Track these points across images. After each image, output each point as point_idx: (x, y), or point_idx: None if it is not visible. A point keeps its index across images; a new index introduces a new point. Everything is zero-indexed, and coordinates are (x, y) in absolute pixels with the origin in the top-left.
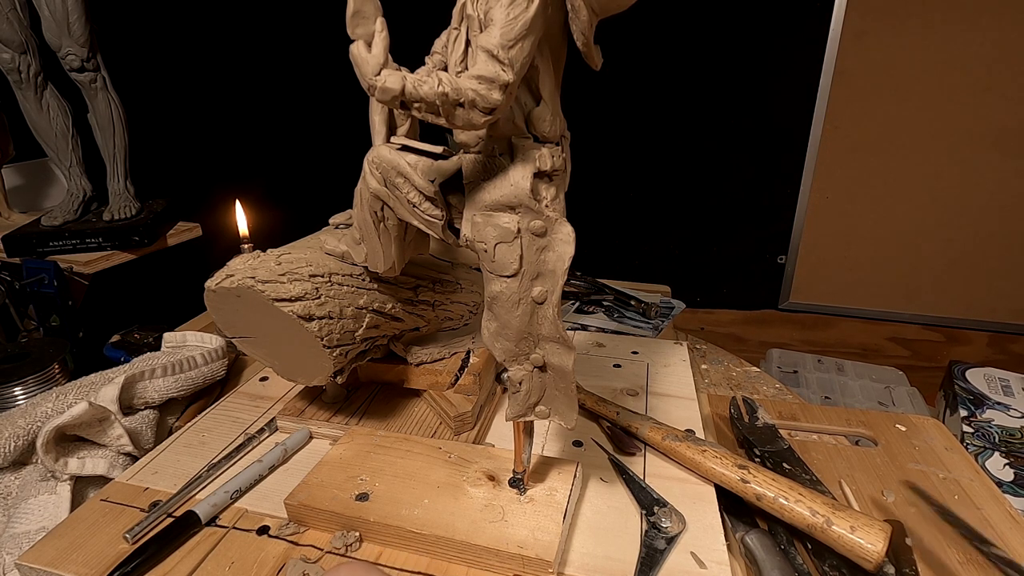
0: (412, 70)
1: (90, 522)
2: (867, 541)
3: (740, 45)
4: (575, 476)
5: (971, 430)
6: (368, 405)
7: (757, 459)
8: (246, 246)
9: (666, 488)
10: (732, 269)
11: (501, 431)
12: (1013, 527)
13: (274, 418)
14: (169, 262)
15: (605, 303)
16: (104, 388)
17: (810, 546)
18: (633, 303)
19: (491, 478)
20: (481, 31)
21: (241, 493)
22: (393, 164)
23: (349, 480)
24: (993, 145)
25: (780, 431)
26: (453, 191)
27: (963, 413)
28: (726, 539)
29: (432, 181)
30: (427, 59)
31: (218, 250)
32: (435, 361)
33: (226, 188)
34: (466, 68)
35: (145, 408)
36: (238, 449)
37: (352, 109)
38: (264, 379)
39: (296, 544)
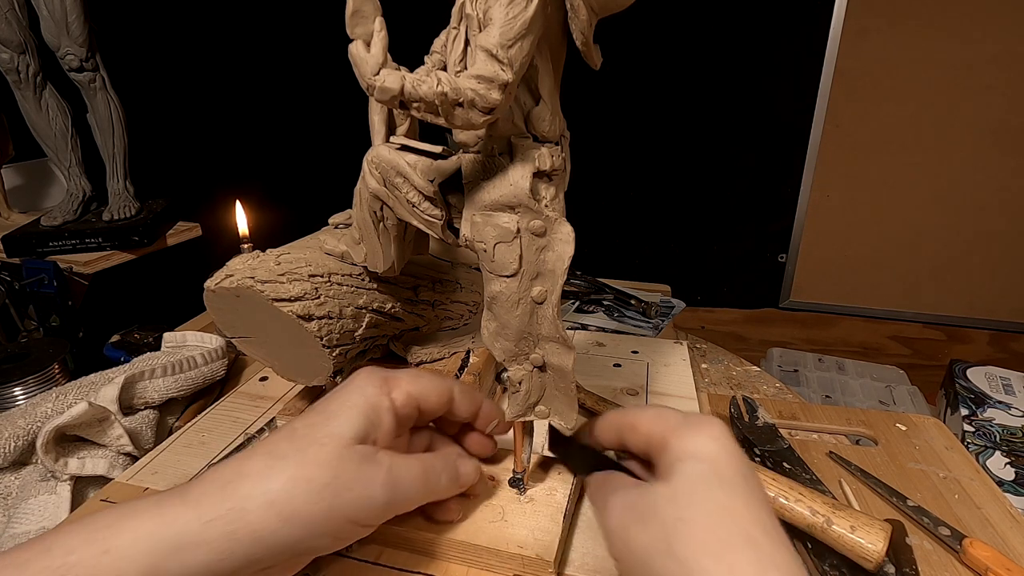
0: (411, 70)
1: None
2: (867, 541)
3: (740, 44)
4: (575, 476)
5: (972, 429)
6: None
7: (757, 458)
8: (246, 246)
9: None
10: (732, 268)
11: None
12: (1013, 526)
13: (274, 418)
14: (169, 262)
15: (605, 302)
16: (104, 388)
17: (810, 546)
18: (633, 302)
19: (491, 478)
20: (480, 30)
21: None
22: (392, 164)
23: None
24: (994, 143)
25: (780, 430)
26: (452, 191)
27: (964, 412)
28: None
29: (431, 181)
30: (426, 59)
31: (218, 250)
32: (435, 361)
33: (226, 188)
34: (465, 68)
35: (145, 408)
36: (238, 449)
37: (352, 109)
38: (264, 379)
39: None
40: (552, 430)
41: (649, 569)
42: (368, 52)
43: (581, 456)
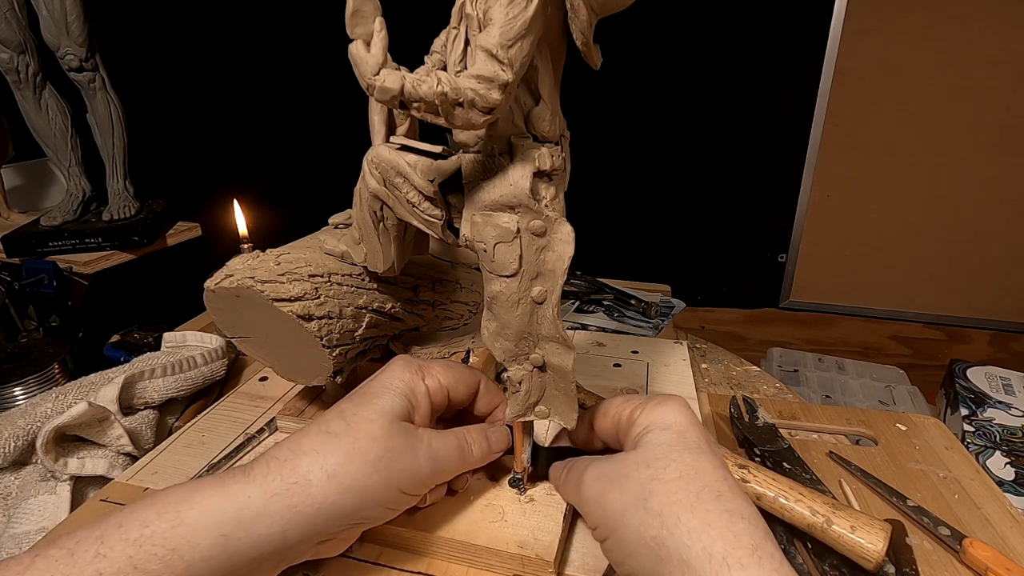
0: (411, 70)
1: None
2: (867, 541)
3: (740, 43)
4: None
5: (972, 429)
6: None
7: (757, 458)
8: (245, 246)
9: None
10: (732, 268)
11: None
12: (1013, 526)
13: (274, 418)
14: (169, 262)
15: (605, 302)
16: (104, 388)
17: (810, 546)
18: (633, 302)
19: (491, 478)
20: (480, 30)
21: None
22: (392, 164)
23: None
24: (994, 143)
25: (780, 430)
26: (453, 191)
27: (964, 412)
28: None
29: (431, 181)
30: (426, 59)
31: (218, 250)
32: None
33: (226, 188)
34: (465, 68)
35: (145, 408)
36: (238, 449)
37: (352, 109)
38: (264, 379)
39: None
40: (533, 450)
41: (626, 527)
42: (368, 52)
43: (545, 457)
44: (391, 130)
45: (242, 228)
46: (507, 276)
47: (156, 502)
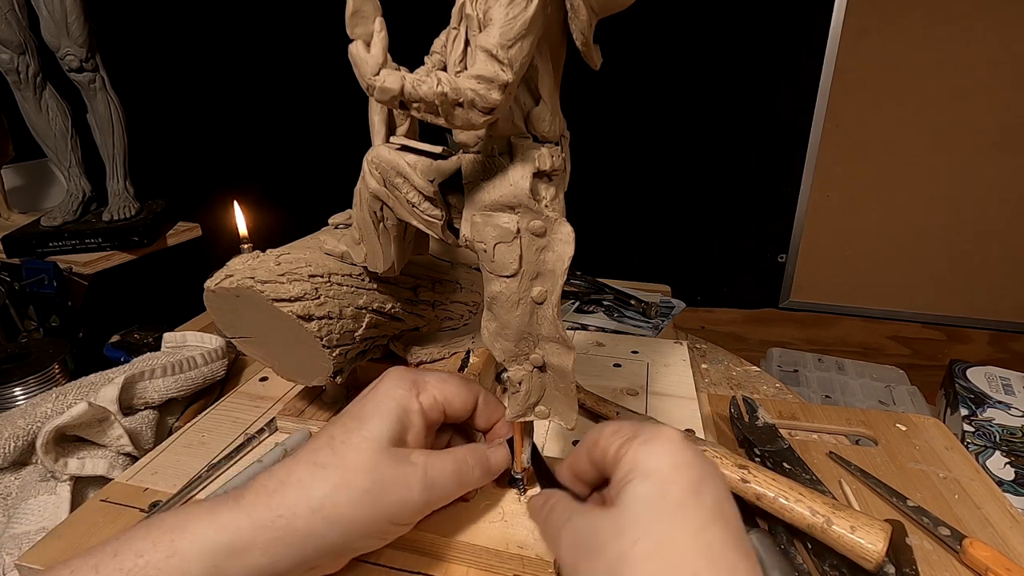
0: (411, 70)
1: (90, 522)
2: (867, 541)
3: (740, 43)
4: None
5: (972, 429)
6: None
7: (757, 459)
8: (245, 246)
9: None
10: (732, 268)
11: None
12: (1013, 526)
13: (274, 418)
14: (169, 262)
15: (605, 303)
16: (104, 388)
17: (810, 546)
18: (633, 302)
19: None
20: (480, 31)
21: None
22: (392, 164)
23: None
24: (994, 143)
25: (780, 430)
26: (453, 191)
27: (964, 412)
28: None
29: (431, 181)
30: (426, 59)
31: (218, 250)
32: (435, 361)
33: (226, 188)
34: (465, 68)
35: (145, 408)
36: (238, 449)
37: (352, 109)
38: (264, 379)
39: None
40: (532, 452)
41: None
42: (368, 52)
43: (540, 471)
44: (391, 130)
45: (242, 228)
46: (507, 276)
47: (151, 530)
